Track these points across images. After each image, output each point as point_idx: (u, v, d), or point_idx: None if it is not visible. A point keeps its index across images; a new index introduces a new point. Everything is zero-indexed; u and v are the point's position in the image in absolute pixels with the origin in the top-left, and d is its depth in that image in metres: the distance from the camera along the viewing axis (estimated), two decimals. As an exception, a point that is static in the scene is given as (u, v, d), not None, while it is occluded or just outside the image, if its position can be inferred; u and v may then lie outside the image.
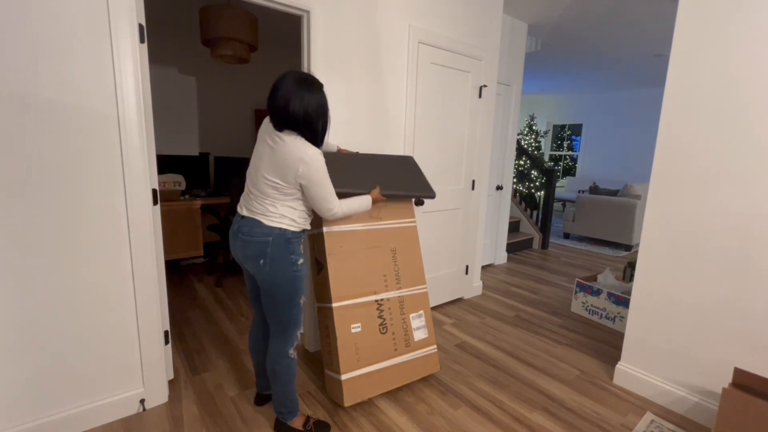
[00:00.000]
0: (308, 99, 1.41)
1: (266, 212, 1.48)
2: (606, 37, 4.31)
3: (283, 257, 1.49)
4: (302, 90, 1.41)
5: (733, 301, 1.74)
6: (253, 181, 1.51)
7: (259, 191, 1.49)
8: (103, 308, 1.63)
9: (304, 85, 1.42)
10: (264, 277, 1.51)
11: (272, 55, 4.59)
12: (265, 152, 1.47)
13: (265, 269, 1.49)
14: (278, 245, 1.48)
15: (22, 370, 1.50)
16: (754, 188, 1.65)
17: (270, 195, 1.47)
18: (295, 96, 1.39)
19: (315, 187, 1.47)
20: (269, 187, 1.47)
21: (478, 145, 3.09)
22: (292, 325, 1.58)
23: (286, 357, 1.59)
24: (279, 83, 1.41)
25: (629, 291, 2.90)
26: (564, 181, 9.05)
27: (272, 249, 1.47)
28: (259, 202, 1.49)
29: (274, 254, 1.48)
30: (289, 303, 1.54)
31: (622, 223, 5.23)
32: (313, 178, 1.44)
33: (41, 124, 1.41)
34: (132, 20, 1.53)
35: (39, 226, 1.45)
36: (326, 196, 1.51)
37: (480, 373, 2.21)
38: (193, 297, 3.15)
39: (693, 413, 1.88)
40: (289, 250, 1.50)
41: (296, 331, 1.61)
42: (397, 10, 2.38)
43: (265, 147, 1.48)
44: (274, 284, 1.51)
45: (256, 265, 1.50)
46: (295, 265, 1.52)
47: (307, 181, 1.45)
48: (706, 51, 1.74)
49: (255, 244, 1.48)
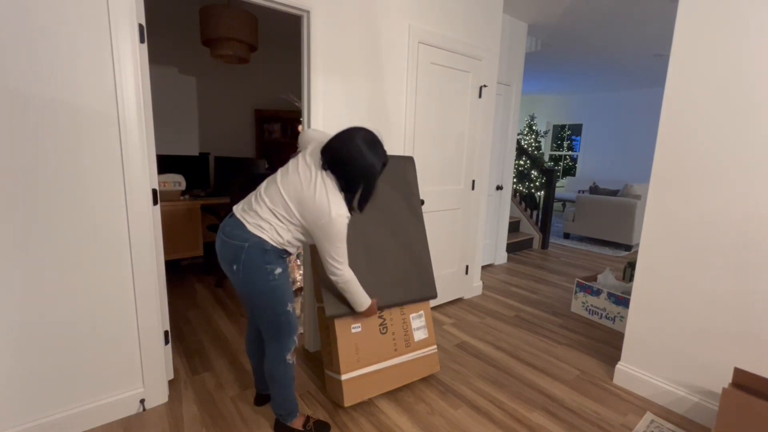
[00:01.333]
0: (366, 158, 1.42)
1: (256, 217, 1.43)
2: (606, 37, 4.31)
3: (257, 267, 1.42)
4: (366, 147, 1.42)
5: (734, 301, 1.74)
6: (270, 191, 1.46)
7: (269, 200, 1.45)
8: (103, 308, 1.63)
9: (371, 145, 1.43)
10: (238, 285, 1.46)
11: (272, 55, 4.59)
12: (298, 178, 1.44)
13: (239, 276, 1.44)
14: (253, 253, 1.41)
15: (22, 370, 1.50)
16: (755, 188, 1.65)
17: (276, 210, 1.43)
18: (357, 149, 1.40)
19: (327, 243, 1.45)
20: (283, 207, 1.43)
21: (478, 145, 3.09)
22: (284, 332, 1.53)
23: (283, 362, 1.56)
24: (352, 131, 1.44)
25: (629, 291, 2.90)
26: (564, 181, 9.05)
27: (246, 256, 1.41)
28: (259, 207, 1.45)
29: (247, 262, 1.41)
30: (272, 312, 1.49)
31: (622, 223, 5.23)
32: (329, 235, 1.42)
33: (41, 124, 1.41)
34: (132, 20, 1.53)
35: (39, 226, 1.45)
36: (335, 256, 1.48)
37: (480, 373, 2.21)
38: (193, 297, 3.15)
39: (693, 413, 1.88)
40: (264, 261, 1.43)
41: (290, 337, 1.56)
42: (397, 10, 2.38)
43: (301, 174, 1.44)
44: (251, 294, 1.46)
45: (229, 269, 1.45)
46: (271, 275, 1.44)
47: (322, 234, 1.43)
48: (706, 51, 1.74)
49: (230, 247, 1.43)
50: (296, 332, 1.58)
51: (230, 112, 4.40)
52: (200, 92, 4.14)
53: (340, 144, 1.41)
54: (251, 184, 3.32)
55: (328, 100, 2.18)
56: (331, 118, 2.21)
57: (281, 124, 4.60)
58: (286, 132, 4.63)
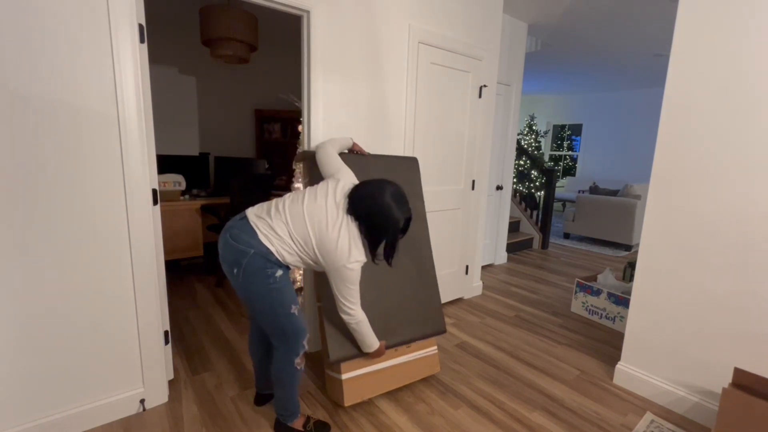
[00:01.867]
0: (393, 216, 1.45)
1: (270, 229, 1.43)
2: (606, 37, 4.31)
3: (257, 272, 1.41)
4: (394, 204, 1.45)
5: (734, 300, 1.74)
6: (294, 211, 1.45)
7: (291, 220, 1.44)
8: (103, 308, 1.63)
9: (399, 202, 1.47)
10: (238, 288, 1.46)
11: (272, 55, 4.59)
12: (325, 214, 1.45)
13: (238, 279, 1.43)
14: (255, 260, 1.41)
15: (22, 369, 1.50)
16: (755, 188, 1.65)
17: (294, 235, 1.44)
18: (386, 206, 1.44)
19: (341, 284, 1.48)
20: (302, 235, 1.44)
21: (478, 145, 3.09)
22: (290, 335, 1.51)
23: (291, 366, 1.55)
24: (381, 186, 1.47)
25: (629, 291, 2.90)
26: (564, 181, 9.05)
27: (248, 262, 1.40)
28: (279, 221, 1.44)
29: (248, 267, 1.40)
30: (275, 315, 1.47)
31: (622, 223, 5.23)
32: (344, 279, 1.47)
33: (41, 124, 1.41)
34: (132, 20, 1.53)
35: (38, 226, 1.45)
36: (348, 297, 1.52)
37: (480, 373, 2.21)
38: (193, 297, 3.15)
39: (693, 413, 1.87)
40: (265, 266, 1.42)
41: (298, 341, 1.53)
42: (397, 10, 2.38)
43: (329, 211, 1.46)
44: (251, 298, 1.45)
45: (229, 272, 1.44)
46: (271, 278, 1.43)
47: (337, 276, 1.46)
48: (706, 51, 1.74)
49: (234, 250, 1.41)
50: (304, 336, 1.55)
51: (230, 112, 4.40)
52: (200, 92, 4.14)
53: (369, 199, 1.45)
54: (251, 184, 3.32)
55: (328, 100, 2.18)
56: (331, 118, 2.21)
57: (281, 124, 4.60)
58: (286, 132, 4.63)
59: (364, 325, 1.63)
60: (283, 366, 1.55)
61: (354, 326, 1.61)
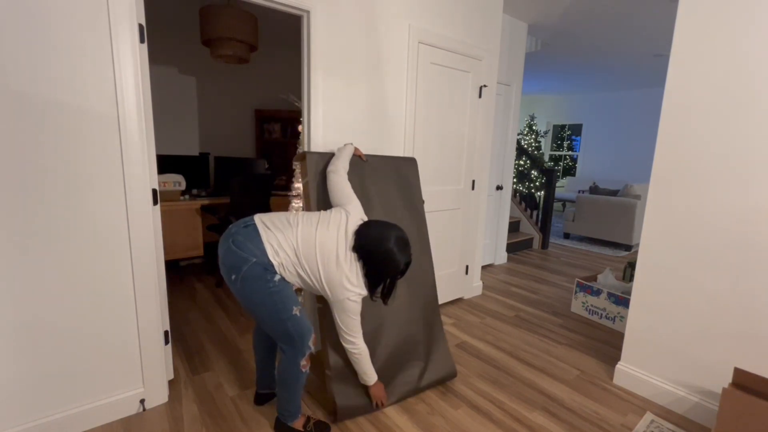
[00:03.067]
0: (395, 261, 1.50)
1: (278, 244, 1.44)
2: (606, 37, 4.31)
3: (256, 278, 1.41)
4: (397, 250, 1.50)
5: (734, 300, 1.74)
6: (306, 235, 1.47)
7: (302, 243, 1.46)
8: (103, 308, 1.63)
9: (402, 248, 1.52)
10: (237, 294, 1.46)
11: (272, 55, 4.59)
12: (335, 246, 1.48)
13: (236, 285, 1.43)
14: (255, 269, 1.41)
15: (23, 370, 1.50)
16: (755, 188, 1.65)
17: (301, 258, 1.46)
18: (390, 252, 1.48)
19: (343, 315, 1.55)
20: (309, 260, 1.46)
21: (478, 144, 3.09)
22: (296, 337, 1.50)
23: (296, 367, 1.54)
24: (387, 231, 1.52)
25: (629, 291, 2.90)
26: (564, 181, 9.05)
27: (248, 269, 1.40)
28: (287, 239, 1.45)
29: (247, 274, 1.40)
30: (277, 319, 1.47)
31: (622, 223, 5.23)
32: (345, 310, 1.53)
33: (41, 124, 1.41)
34: (132, 20, 1.53)
35: (38, 226, 1.45)
36: (349, 330, 1.58)
37: (480, 373, 2.21)
38: (193, 297, 3.15)
39: (693, 413, 1.87)
40: (264, 274, 1.42)
41: (304, 342, 1.52)
42: (398, 10, 2.38)
43: (339, 244, 1.49)
44: (252, 304, 1.45)
45: (228, 277, 1.44)
46: (271, 282, 1.43)
47: (339, 307, 1.53)
48: (706, 51, 1.74)
49: (235, 257, 1.41)
50: (309, 336, 1.54)
51: (230, 112, 4.40)
52: (200, 92, 4.14)
53: (375, 242, 1.49)
54: (251, 184, 3.32)
55: (328, 100, 2.18)
56: (331, 118, 2.21)
57: (281, 124, 4.60)
58: (286, 132, 4.63)
59: (365, 357, 1.68)
60: (289, 368, 1.55)
61: (356, 356, 1.66)
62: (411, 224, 2.16)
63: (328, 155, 1.95)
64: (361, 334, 1.61)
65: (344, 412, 1.74)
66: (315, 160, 1.91)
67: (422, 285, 2.13)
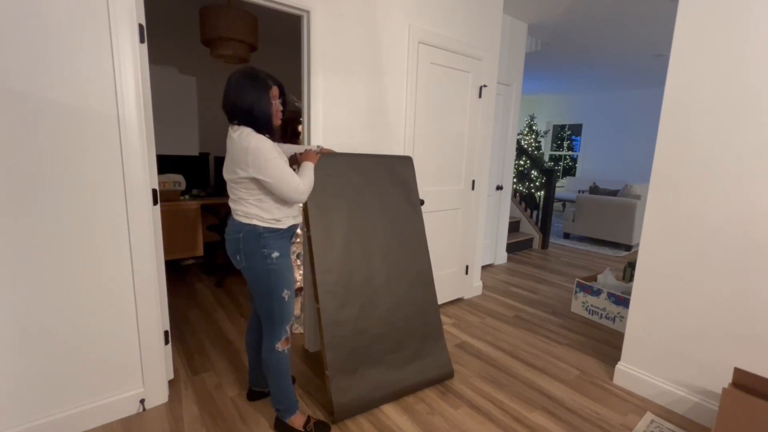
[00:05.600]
0: (249, 92, 1.46)
1: (238, 210, 1.52)
2: (606, 37, 4.31)
3: (255, 252, 1.51)
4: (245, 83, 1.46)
5: (734, 300, 1.74)
6: (227, 181, 1.56)
7: (230, 190, 1.54)
8: (103, 308, 1.63)
9: (247, 79, 1.47)
10: (245, 273, 1.57)
11: (272, 55, 4.59)
12: (227, 150, 1.52)
13: (242, 264, 1.54)
14: (249, 241, 1.51)
15: (23, 369, 1.50)
16: (755, 188, 1.65)
17: (236, 192, 1.51)
18: (238, 89, 1.46)
19: (272, 175, 1.42)
20: (232, 183, 1.51)
21: (478, 145, 3.09)
22: (277, 318, 1.59)
23: (273, 351, 1.62)
24: (229, 79, 1.49)
25: (629, 291, 2.90)
26: (564, 181, 9.05)
27: (244, 245, 1.51)
28: (233, 201, 1.54)
29: (246, 250, 1.51)
30: (269, 297, 1.56)
31: (622, 223, 5.23)
32: (268, 166, 1.41)
33: (41, 125, 1.41)
34: (132, 20, 1.53)
35: (38, 226, 1.45)
36: (288, 185, 1.46)
37: (480, 373, 2.21)
38: (193, 297, 3.15)
39: (693, 413, 1.87)
40: (260, 245, 1.51)
41: (282, 325, 1.61)
42: (397, 10, 2.38)
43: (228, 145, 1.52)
44: (252, 279, 1.55)
45: (235, 261, 1.56)
46: (269, 258, 1.52)
47: (256, 170, 1.42)
48: (707, 50, 1.74)
49: (230, 241, 1.54)
50: (288, 321, 1.62)
51: (230, 112, 4.39)
52: (200, 92, 4.14)
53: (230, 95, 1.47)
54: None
55: (328, 100, 2.18)
56: (331, 118, 2.21)
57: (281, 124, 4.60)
58: (286, 132, 4.63)
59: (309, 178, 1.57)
60: (268, 351, 1.62)
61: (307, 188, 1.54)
62: (408, 223, 2.16)
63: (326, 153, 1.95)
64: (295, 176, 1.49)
65: (343, 412, 1.74)
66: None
67: (420, 284, 2.13)
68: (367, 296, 1.91)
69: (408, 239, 2.13)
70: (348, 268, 1.89)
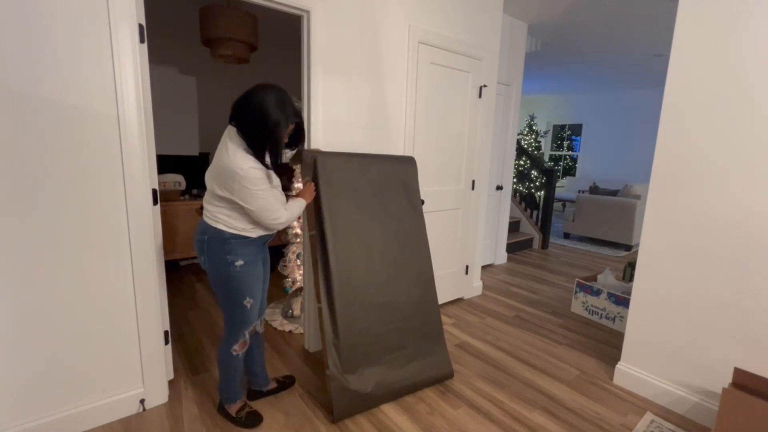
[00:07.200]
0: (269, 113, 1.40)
1: (207, 211, 1.53)
2: (606, 37, 4.31)
3: (219, 257, 1.50)
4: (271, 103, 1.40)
5: (734, 300, 1.74)
6: (206, 182, 1.57)
7: (207, 189, 1.55)
8: (102, 308, 1.63)
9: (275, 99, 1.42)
10: (207, 274, 1.58)
11: (272, 55, 4.59)
12: (216, 155, 1.50)
13: (206, 266, 1.55)
14: (213, 244, 1.50)
15: (23, 370, 1.50)
16: (755, 188, 1.65)
17: (211, 193, 1.51)
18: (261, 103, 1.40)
19: (249, 196, 1.42)
20: (210, 189, 1.51)
21: (478, 145, 3.09)
22: (237, 323, 1.61)
23: (228, 353, 1.65)
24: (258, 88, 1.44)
25: (629, 291, 2.90)
26: (564, 181, 9.05)
27: (208, 247, 1.51)
28: (206, 201, 1.55)
29: (209, 253, 1.51)
30: (230, 303, 1.57)
31: (622, 223, 5.23)
32: (251, 193, 1.41)
33: (41, 125, 1.40)
34: (132, 20, 1.53)
35: (38, 226, 1.45)
36: (269, 213, 1.47)
37: (480, 373, 2.21)
38: (193, 297, 3.15)
39: (693, 413, 1.87)
40: (225, 251, 1.50)
41: (240, 331, 1.62)
42: (398, 10, 2.38)
43: (217, 151, 1.51)
44: (214, 282, 1.56)
45: (201, 262, 1.57)
46: (231, 266, 1.51)
47: (240, 198, 1.42)
48: (707, 50, 1.74)
49: (197, 242, 1.55)
50: (247, 328, 1.64)
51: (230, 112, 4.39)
52: (200, 92, 4.14)
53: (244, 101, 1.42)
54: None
55: (328, 100, 2.18)
56: (331, 118, 2.21)
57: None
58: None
59: (294, 212, 1.58)
60: (223, 352, 1.66)
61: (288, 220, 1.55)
62: (409, 223, 2.16)
63: (328, 153, 1.95)
64: (280, 207, 1.51)
65: (343, 412, 1.74)
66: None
67: (420, 284, 2.13)
68: (367, 296, 1.91)
69: (409, 239, 2.13)
70: (348, 267, 1.89)
